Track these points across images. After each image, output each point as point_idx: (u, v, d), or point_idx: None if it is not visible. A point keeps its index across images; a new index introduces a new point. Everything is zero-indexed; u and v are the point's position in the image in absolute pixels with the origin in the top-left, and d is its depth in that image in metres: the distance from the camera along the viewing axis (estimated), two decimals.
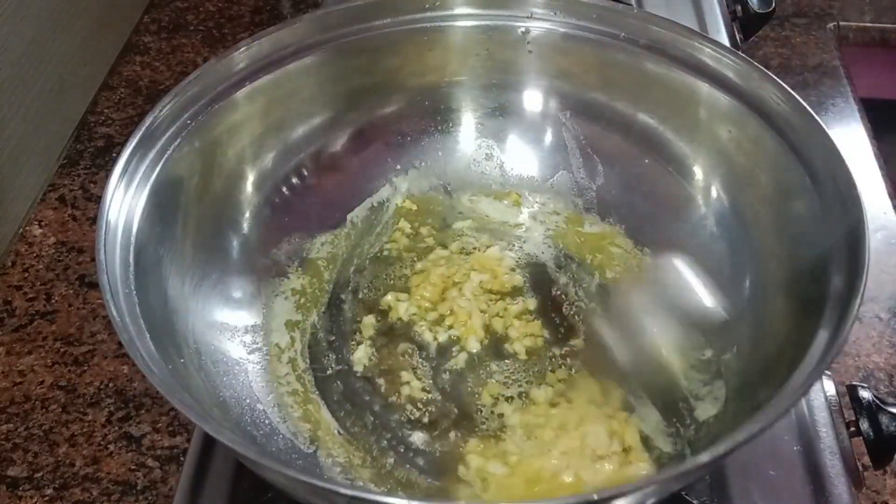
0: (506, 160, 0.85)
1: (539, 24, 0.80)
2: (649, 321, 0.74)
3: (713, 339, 0.71)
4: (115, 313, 0.57)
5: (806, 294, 0.63)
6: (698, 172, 0.78)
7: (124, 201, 0.64)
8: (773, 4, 1.07)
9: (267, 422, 0.68)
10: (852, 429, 0.68)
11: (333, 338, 0.75)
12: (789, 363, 0.57)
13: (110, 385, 0.80)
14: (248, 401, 0.69)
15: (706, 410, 0.67)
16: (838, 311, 0.57)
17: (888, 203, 0.95)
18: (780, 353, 0.62)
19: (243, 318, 0.74)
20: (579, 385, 0.71)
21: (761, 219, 0.72)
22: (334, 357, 0.73)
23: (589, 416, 0.68)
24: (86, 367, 0.82)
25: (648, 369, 0.71)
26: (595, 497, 0.47)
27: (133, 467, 0.74)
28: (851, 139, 1.05)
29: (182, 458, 0.74)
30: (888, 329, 0.84)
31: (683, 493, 0.62)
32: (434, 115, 0.85)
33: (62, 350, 0.83)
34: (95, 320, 0.85)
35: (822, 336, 0.56)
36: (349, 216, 0.82)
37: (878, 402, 0.67)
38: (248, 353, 0.72)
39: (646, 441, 0.66)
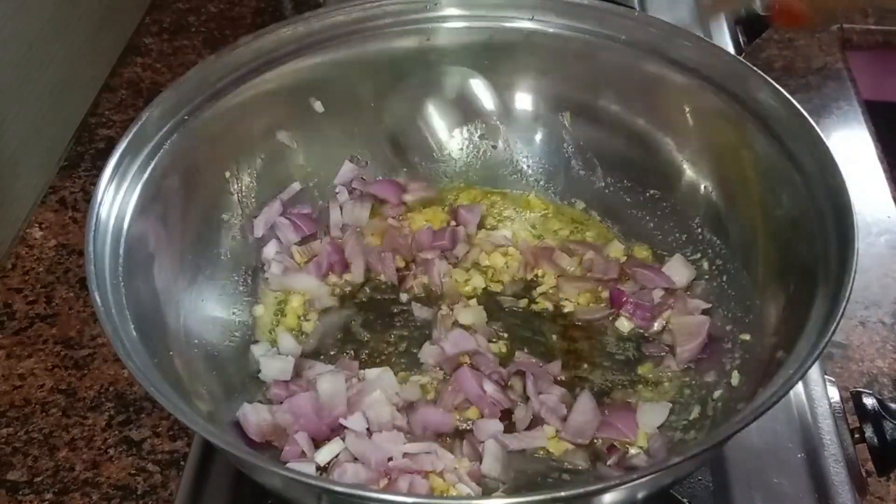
0: (505, 161, 0.85)
1: (540, 27, 0.80)
2: None
3: None
4: (99, 303, 0.57)
5: (795, 292, 0.63)
6: (690, 171, 0.78)
7: (116, 196, 0.64)
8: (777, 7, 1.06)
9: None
10: (856, 435, 0.68)
11: (329, 336, 0.75)
12: (777, 363, 0.57)
13: (111, 389, 0.80)
14: (237, 395, 0.69)
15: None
16: (825, 312, 0.57)
17: (892, 207, 0.94)
18: (772, 352, 0.62)
19: (236, 313, 0.74)
20: None
21: (751, 215, 0.73)
22: (329, 352, 0.74)
23: None
24: (86, 371, 0.81)
25: None
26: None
27: (133, 472, 0.74)
28: (855, 142, 1.04)
29: (182, 463, 0.74)
30: (892, 334, 0.83)
31: (687, 500, 0.62)
32: (432, 116, 0.84)
33: (62, 353, 0.83)
34: (96, 323, 0.84)
35: (809, 337, 0.56)
36: None
37: (882, 409, 0.67)
38: (241, 350, 0.72)
39: None
